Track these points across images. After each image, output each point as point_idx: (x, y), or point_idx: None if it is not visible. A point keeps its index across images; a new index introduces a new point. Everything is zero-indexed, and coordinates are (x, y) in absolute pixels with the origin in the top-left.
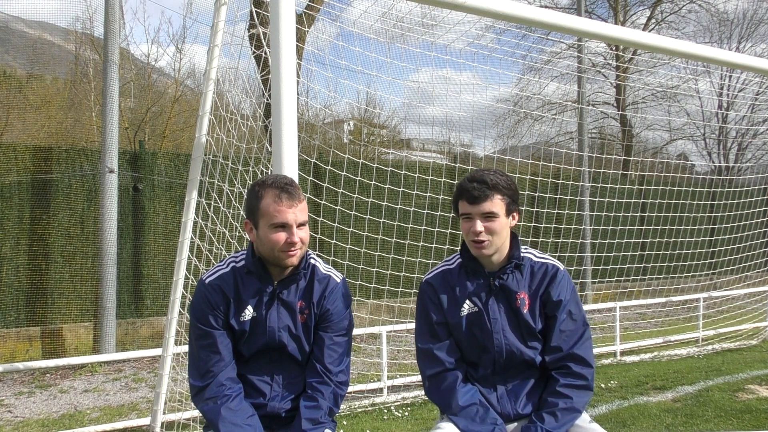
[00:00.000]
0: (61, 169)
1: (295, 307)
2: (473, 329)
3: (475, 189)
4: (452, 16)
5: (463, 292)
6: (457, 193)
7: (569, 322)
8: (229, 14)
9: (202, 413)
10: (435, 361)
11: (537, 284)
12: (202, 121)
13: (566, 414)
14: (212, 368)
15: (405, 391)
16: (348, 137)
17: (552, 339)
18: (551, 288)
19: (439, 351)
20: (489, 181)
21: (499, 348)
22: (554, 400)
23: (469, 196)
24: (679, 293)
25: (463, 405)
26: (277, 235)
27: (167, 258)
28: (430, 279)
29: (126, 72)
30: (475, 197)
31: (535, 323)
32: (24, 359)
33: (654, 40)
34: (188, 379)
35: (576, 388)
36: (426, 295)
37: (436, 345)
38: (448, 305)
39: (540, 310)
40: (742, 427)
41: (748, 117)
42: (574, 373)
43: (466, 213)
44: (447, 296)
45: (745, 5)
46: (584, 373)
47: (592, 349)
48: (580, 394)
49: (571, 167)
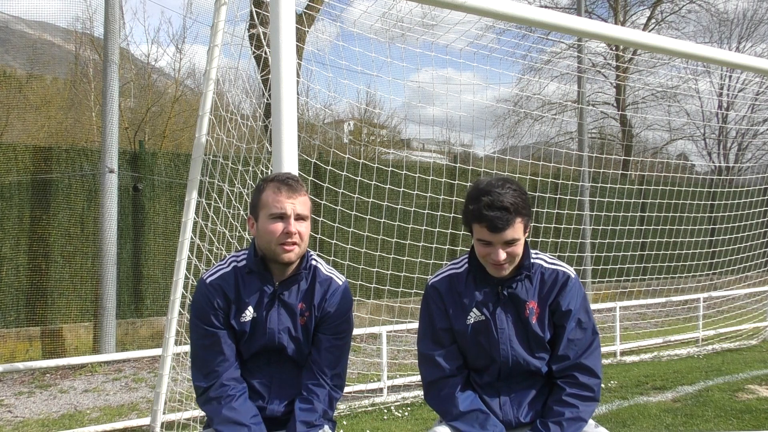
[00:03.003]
0: (61, 169)
1: (296, 309)
2: (479, 338)
3: (498, 219)
4: (452, 16)
5: (471, 299)
6: (473, 217)
7: (578, 332)
8: (229, 14)
9: (206, 413)
10: (436, 368)
11: (547, 292)
12: (202, 121)
13: (572, 424)
14: (216, 368)
15: (405, 391)
16: (348, 137)
17: (560, 348)
18: (561, 297)
19: (440, 358)
20: (510, 206)
21: (506, 358)
22: (560, 409)
23: (491, 226)
24: (679, 293)
25: (464, 411)
26: (274, 225)
27: (167, 258)
28: (436, 283)
29: (126, 72)
30: (497, 227)
31: (544, 333)
32: (24, 359)
33: (654, 40)
34: (192, 381)
35: (582, 399)
36: (431, 300)
37: (438, 351)
38: (454, 312)
39: (549, 318)
40: (742, 427)
41: (748, 117)
42: (580, 384)
43: (485, 240)
44: (453, 302)
45: (745, 5)
46: (591, 384)
47: (601, 359)
48: (586, 404)
49: (571, 167)
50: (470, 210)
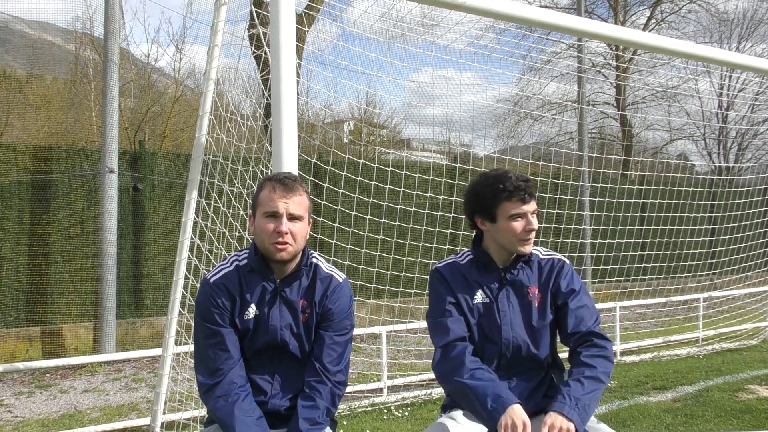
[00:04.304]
0: (61, 169)
1: (297, 305)
2: (482, 320)
3: (528, 188)
4: (452, 16)
5: (475, 282)
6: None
7: (583, 309)
8: (229, 14)
9: (213, 410)
10: (448, 332)
11: (546, 278)
12: (202, 121)
13: (591, 382)
14: (221, 366)
15: (405, 391)
16: (348, 137)
17: (569, 326)
18: (560, 280)
19: (451, 323)
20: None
21: (507, 341)
22: (579, 369)
23: (522, 196)
24: (679, 293)
25: (473, 368)
26: (267, 223)
27: (167, 258)
28: (441, 267)
29: (126, 72)
30: (530, 196)
31: (545, 318)
32: (24, 359)
33: (654, 40)
34: (196, 378)
35: (598, 357)
36: (437, 281)
37: (449, 318)
38: (460, 293)
39: (551, 303)
40: (742, 427)
41: (748, 117)
42: (596, 345)
43: (518, 213)
44: (459, 285)
45: (745, 5)
46: (604, 344)
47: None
48: (602, 363)
49: (571, 167)
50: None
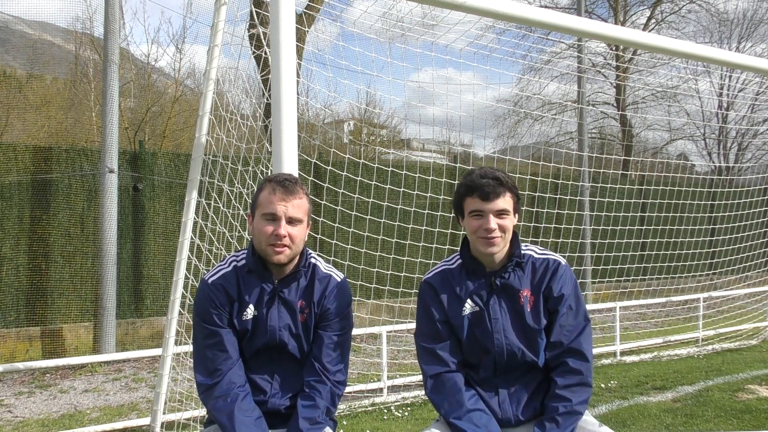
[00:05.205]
0: (61, 169)
1: (296, 306)
2: (474, 329)
3: (489, 185)
4: (452, 16)
5: (464, 291)
6: (464, 191)
7: (570, 317)
8: (229, 14)
9: (212, 411)
10: (438, 361)
11: (539, 280)
12: (202, 121)
13: (567, 418)
14: (220, 366)
15: (405, 391)
16: (348, 137)
17: (553, 334)
18: (553, 283)
19: (442, 351)
20: (500, 177)
21: (500, 348)
22: (554, 404)
23: (482, 193)
24: (679, 293)
25: (470, 408)
26: (265, 226)
27: (167, 258)
28: (430, 279)
29: (126, 72)
30: (488, 193)
31: (539, 322)
32: (24, 359)
33: (654, 40)
34: (195, 377)
35: (573, 387)
36: (426, 295)
37: (439, 345)
38: (449, 305)
39: (544, 306)
40: (742, 427)
41: (748, 117)
42: (571, 370)
43: (477, 210)
44: (447, 296)
45: (745, 5)
46: (581, 368)
47: (592, 344)
48: (577, 393)
49: (571, 167)
50: (462, 185)
